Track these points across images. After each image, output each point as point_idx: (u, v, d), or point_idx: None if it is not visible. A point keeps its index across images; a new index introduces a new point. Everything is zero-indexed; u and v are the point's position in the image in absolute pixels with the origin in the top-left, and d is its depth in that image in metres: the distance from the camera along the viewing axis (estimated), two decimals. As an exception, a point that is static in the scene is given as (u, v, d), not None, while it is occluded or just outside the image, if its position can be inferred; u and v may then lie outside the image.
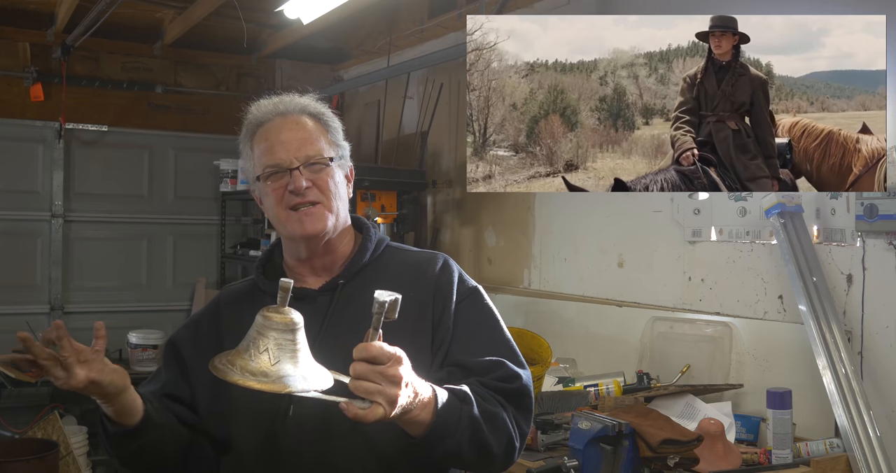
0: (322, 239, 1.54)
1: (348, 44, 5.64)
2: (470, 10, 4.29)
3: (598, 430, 2.20)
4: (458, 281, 1.58)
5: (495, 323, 1.58)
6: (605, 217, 3.59)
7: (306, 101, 1.59)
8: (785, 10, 2.14)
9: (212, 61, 5.73)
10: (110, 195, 5.43)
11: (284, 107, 1.56)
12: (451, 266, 1.60)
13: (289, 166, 1.50)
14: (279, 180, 1.51)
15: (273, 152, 1.52)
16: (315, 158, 1.52)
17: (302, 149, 1.52)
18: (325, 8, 3.90)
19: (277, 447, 1.48)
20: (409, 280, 1.55)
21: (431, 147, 4.68)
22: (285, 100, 1.58)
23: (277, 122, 1.54)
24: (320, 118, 1.58)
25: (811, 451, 2.42)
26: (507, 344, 1.56)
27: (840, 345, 2.50)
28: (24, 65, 5.12)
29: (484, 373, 1.47)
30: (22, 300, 5.14)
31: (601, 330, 3.51)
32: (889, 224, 2.47)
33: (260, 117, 1.56)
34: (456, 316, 1.53)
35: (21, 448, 3.96)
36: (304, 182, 1.49)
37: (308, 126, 1.55)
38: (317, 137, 1.54)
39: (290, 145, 1.51)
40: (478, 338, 1.53)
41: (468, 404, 1.36)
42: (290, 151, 1.51)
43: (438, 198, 4.73)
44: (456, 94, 4.48)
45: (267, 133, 1.54)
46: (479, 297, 1.60)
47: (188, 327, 1.66)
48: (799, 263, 2.63)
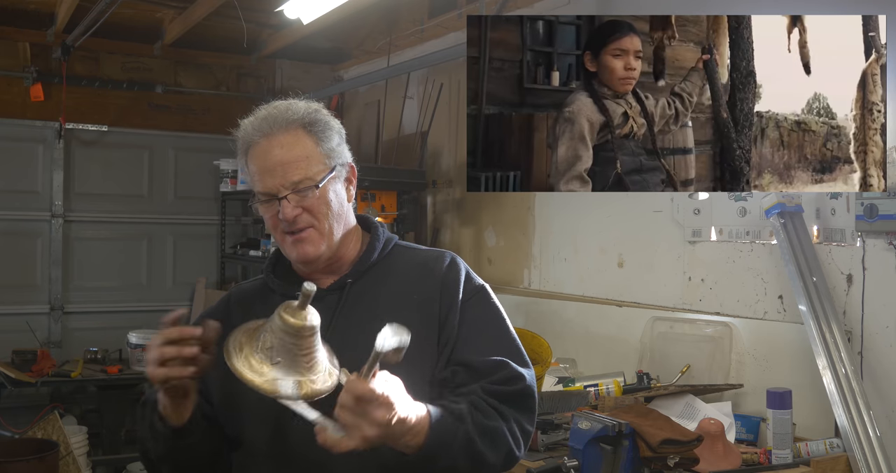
0: (318, 261, 1.55)
1: (348, 44, 5.65)
2: (470, 10, 4.29)
3: (598, 430, 2.19)
4: (464, 279, 1.58)
5: (501, 322, 1.58)
6: (605, 217, 3.59)
7: (296, 111, 1.52)
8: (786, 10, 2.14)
9: (212, 61, 5.73)
10: (110, 195, 5.43)
11: (269, 125, 1.50)
12: (458, 264, 1.60)
13: (277, 194, 1.48)
14: (271, 208, 1.50)
15: (261, 180, 1.49)
16: (303, 184, 1.48)
17: (288, 174, 1.47)
18: (325, 8, 3.90)
19: (286, 445, 1.48)
20: (416, 278, 1.56)
21: (431, 147, 4.68)
22: (272, 115, 1.51)
23: (263, 146, 1.49)
24: (311, 129, 1.51)
25: (811, 451, 2.42)
26: (512, 343, 1.56)
27: (840, 345, 2.50)
28: (24, 65, 5.12)
29: (488, 374, 1.47)
30: (22, 300, 5.13)
31: (601, 330, 3.51)
32: (889, 224, 2.47)
33: (248, 136, 1.52)
34: (462, 315, 1.53)
35: (21, 448, 3.97)
36: (293, 210, 1.48)
37: (296, 144, 1.49)
38: (305, 156, 1.49)
39: (275, 172, 1.47)
40: (483, 337, 1.53)
41: (464, 423, 1.38)
42: (277, 178, 1.47)
43: (438, 198, 4.73)
44: (456, 94, 4.48)
45: (255, 157, 1.50)
46: (486, 296, 1.60)
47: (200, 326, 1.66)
48: (799, 263, 2.63)
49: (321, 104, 1.60)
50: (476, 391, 1.45)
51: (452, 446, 1.35)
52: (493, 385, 1.47)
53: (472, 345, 1.51)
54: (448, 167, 4.63)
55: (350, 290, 1.56)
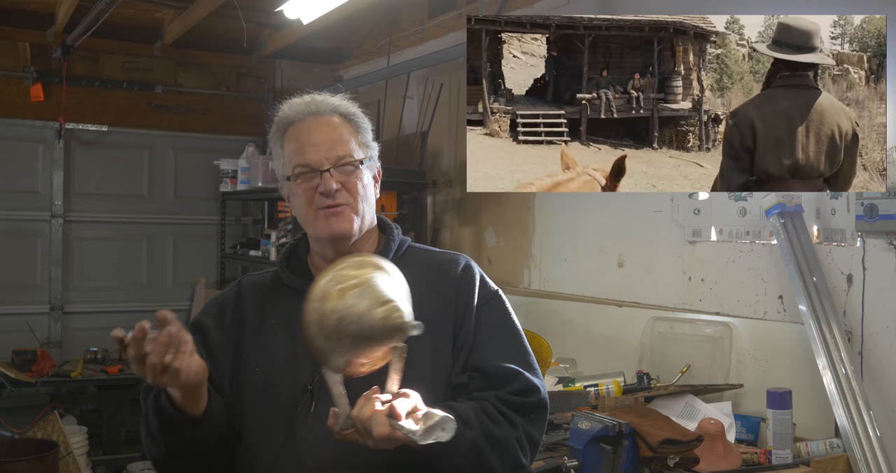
0: (348, 240, 1.56)
1: (348, 44, 5.64)
2: (470, 10, 4.29)
3: (598, 430, 2.20)
4: (479, 283, 1.60)
5: (514, 329, 1.60)
6: (605, 217, 3.59)
7: (338, 101, 1.59)
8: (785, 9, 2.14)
9: (212, 61, 5.73)
10: (110, 195, 5.43)
11: (316, 107, 1.56)
12: (473, 268, 1.63)
13: (319, 167, 1.52)
14: (309, 181, 1.53)
15: (304, 153, 1.53)
16: (346, 160, 1.53)
17: (333, 150, 1.52)
18: (325, 8, 3.90)
19: (296, 442, 1.48)
20: (431, 280, 1.57)
21: (431, 147, 4.68)
22: (317, 99, 1.58)
23: (309, 122, 1.55)
24: (351, 119, 1.59)
25: (811, 451, 2.42)
26: (525, 350, 1.58)
27: (840, 345, 2.50)
28: (24, 65, 5.11)
29: (503, 384, 1.49)
30: (22, 300, 5.13)
31: (601, 330, 3.51)
32: (889, 224, 2.47)
33: (291, 116, 1.57)
34: (477, 320, 1.55)
35: (21, 448, 3.97)
36: (335, 184, 1.51)
37: (339, 127, 1.56)
38: (347, 138, 1.55)
39: (321, 146, 1.52)
40: (498, 344, 1.54)
41: (471, 428, 1.40)
42: (322, 152, 1.52)
43: (438, 198, 4.73)
44: (456, 94, 4.48)
45: (298, 133, 1.55)
46: (500, 301, 1.62)
47: (211, 314, 1.64)
48: (799, 263, 2.63)
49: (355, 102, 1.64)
50: (490, 398, 1.47)
51: (458, 449, 1.36)
52: (509, 394, 1.49)
53: (487, 351, 1.53)
54: (448, 167, 4.63)
55: None
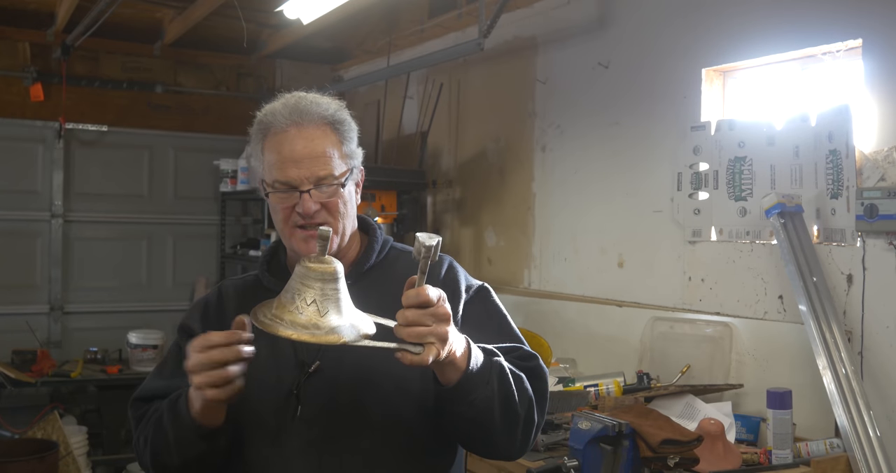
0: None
1: (348, 44, 5.65)
2: (470, 10, 4.29)
3: (598, 430, 2.19)
4: (464, 280, 1.60)
5: (503, 318, 1.61)
6: (605, 217, 3.59)
7: (324, 106, 1.52)
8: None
9: (211, 61, 5.73)
10: (110, 195, 5.43)
11: (300, 115, 1.48)
12: (455, 267, 1.62)
13: (299, 186, 1.45)
14: (288, 199, 1.47)
15: (284, 169, 1.46)
16: (327, 180, 1.47)
17: (314, 168, 1.46)
18: (325, 8, 3.90)
19: (283, 447, 1.47)
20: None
21: (431, 147, 4.68)
22: (302, 105, 1.50)
23: (292, 134, 1.47)
24: (337, 128, 1.52)
25: (811, 451, 2.42)
26: (517, 336, 1.59)
27: (840, 345, 2.50)
28: (23, 65, 5.12)
29: (504, 352, 1.49)
30: (22, 300, 5.14)
31: (601, 330, 3.51)
32: (889, 224, 2.47)
33: (275, 123, 1.48)
34: (465, 314, 1.55)
35: (21, 448, 3.97)
36: (314, 205, 1.46)
37: (323, 140, 1.48)
38: (331, 154, 1.48)
39: (302, 164, 1.45)
40: (487, 332, 1.54)
41: (497, 356, 1.41)
42: (302, 171, 1.45)
43: (438, 198, 4.73)
44: (456, 94, 4.48)
45: (279, 144, 1.47)
46: (487, 293, 1.62)
47: (195, 317, 1.62)
48: (799, 263, 2.63)
49: (343, 102, 1.60)
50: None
51: (491, 373, 1.37)
52: (513, 358, 1.49)
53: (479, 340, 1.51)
54: (448, 167, 4.63)
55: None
